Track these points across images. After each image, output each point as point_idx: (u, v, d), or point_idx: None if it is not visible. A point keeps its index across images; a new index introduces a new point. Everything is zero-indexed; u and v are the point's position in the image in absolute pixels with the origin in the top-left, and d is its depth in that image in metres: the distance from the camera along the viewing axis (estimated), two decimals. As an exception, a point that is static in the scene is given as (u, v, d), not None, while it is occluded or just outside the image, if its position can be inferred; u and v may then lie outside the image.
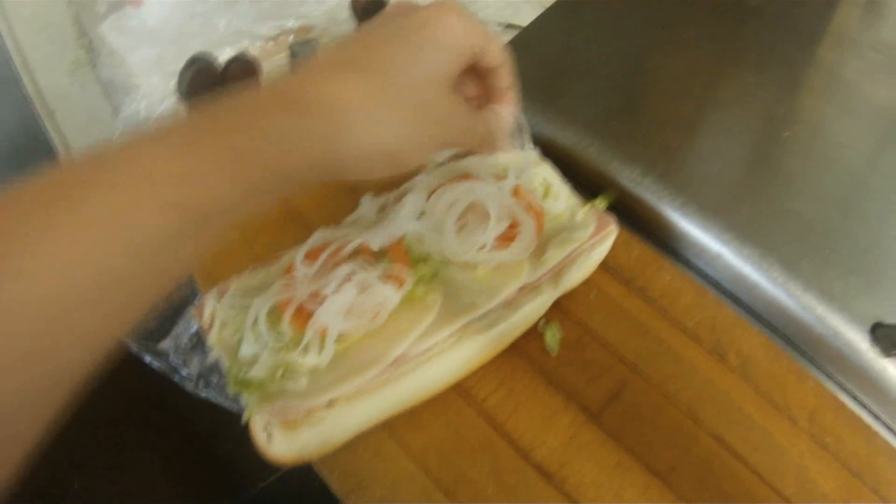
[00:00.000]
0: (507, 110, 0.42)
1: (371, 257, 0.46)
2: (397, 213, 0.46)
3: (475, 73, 0.41)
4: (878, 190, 0.61)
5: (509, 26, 0.89)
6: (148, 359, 0.80)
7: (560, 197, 0.53)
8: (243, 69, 0.52)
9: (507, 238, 0.48)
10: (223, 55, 0.73)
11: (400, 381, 0.44)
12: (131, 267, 0.27)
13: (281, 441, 0.42)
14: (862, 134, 0.68)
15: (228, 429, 0.50)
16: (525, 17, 0.85)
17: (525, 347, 0.51)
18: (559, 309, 0.53)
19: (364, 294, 0.42)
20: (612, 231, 0.54)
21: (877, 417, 0.52)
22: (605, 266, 0.55)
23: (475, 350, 0.46)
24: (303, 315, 0.43)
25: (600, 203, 0.57)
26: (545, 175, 0.55)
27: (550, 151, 0.59)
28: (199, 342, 0.81)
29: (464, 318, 0.45)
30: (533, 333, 0.51)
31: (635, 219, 0.61)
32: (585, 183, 0.61)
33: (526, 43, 0.75)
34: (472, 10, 0.88)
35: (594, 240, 0.53)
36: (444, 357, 0.45)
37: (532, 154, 0.56)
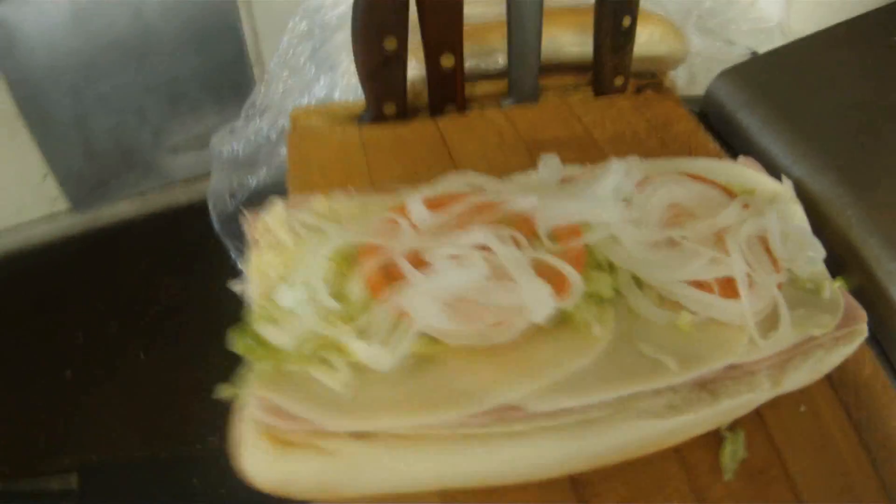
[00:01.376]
0: None
1: (529, 237, 0.29)
2: (590, 188, 0.30)
3: None
4: None
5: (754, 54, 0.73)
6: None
7: (811, 256, 0.36)
8: None
9: (730, 286, 0.31)
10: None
11: (495, 444, 0.27)
12: None
13: (261, 456, 0.28)
14: None
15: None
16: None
17: (689, 455, 0.33)
18: (754, 415, 0.37)
19: (495, 281, 0.26)
20: (861, 331, 0.39)
21: None
22: (828, 375, 0.40)
23: (629, 439, 0.29)
24: (387, 278, 0.28)
25: (842, 284, 0.40)
26: (798, 219, 0.37)
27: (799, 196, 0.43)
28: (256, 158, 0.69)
29: (636, 384, 0.28)
30: (707, 438, 0.34)
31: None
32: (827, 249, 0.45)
33: (778, 62, 0.63)
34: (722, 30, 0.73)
35: (839, 334, 0.37)
36: (578, 432, 0.28)
37: (788, 187, 0.38)
